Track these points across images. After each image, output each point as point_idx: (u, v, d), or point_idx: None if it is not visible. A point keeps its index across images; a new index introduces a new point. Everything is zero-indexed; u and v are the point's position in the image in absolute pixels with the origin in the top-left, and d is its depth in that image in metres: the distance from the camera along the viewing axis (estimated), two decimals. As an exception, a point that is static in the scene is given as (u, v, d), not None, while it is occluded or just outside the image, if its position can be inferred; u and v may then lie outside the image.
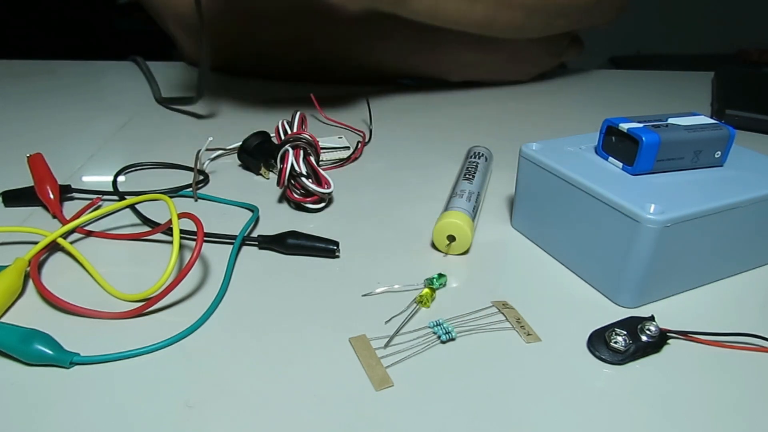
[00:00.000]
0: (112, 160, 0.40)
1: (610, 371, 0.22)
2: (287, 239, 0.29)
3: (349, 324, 0.24)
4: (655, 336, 0.23)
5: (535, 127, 0.49)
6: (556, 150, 0.29)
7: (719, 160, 0.28)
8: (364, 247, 0.30)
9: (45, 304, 0.25)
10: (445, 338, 0.23)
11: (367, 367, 0.22)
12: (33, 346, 0.22)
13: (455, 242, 0.29)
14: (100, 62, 0.66)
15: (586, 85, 0.60)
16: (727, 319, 0.25)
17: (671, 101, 0.57)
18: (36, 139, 0.44)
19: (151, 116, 0.28)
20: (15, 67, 0.63)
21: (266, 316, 0.25)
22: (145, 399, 0.21)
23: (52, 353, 0.22)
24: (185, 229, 0.29)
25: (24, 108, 0.51)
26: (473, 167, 0.34)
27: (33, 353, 0.22)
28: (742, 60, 1.57)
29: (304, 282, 0.27)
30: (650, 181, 0.26)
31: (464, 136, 0.46)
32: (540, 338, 0.24)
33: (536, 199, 0.30)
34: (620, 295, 0.26)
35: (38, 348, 0.22)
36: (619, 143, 0.28)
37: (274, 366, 0.22)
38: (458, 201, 0.30)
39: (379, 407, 0.20)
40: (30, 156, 0.35)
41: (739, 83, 0.56)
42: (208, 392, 0.21)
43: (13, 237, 0.30)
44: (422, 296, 0.26)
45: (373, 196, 0.36)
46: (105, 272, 0.27)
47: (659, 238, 0.24)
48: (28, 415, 0.20)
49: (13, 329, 0.22)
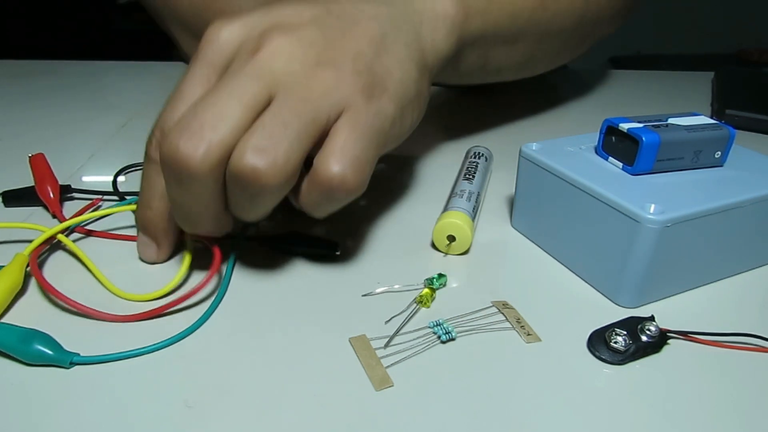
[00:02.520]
0: (112, 160, 0.40)
1: (610, 371, 0.22)
2: (288, 240, 0.29)
3: (349, 324, 0.24)
4: (655, 336, 0.23)
5: (535, 127, 0.49)
6: (556, 150, 0.29)
7: (719, 160, 0.28)
8: (364, 247, 0.30)
9: (44, 304, 0.25)
10: (445, 338, 0.23)
11: (367, 367, 0.22)
12: (33, 346, 0.22)
13: (455, 242, 0.29)
14: (100, 62, 0.66)
15: (586, 85, 0.60)
16: (727, 319, 0.25)
17: (671, 101, 0.57)
18: (36, 139, 0.44)
19: (151, 116, 0.28)
20: (15, 67, 0.63)
21: (266, 316, 0.25)
22: (144, 399, 0.21)
23: (52, 353, 0.22)
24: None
25: (24, 108, 0.51)
26: (473, 167, 0.34)
27: (33, 353, 0.22)
28: (742, 60, 1.57)
29: (304, 282, 0.27)
30: (650, 181, 0.26)
31: (464, 136, 0.46)
32: (540, 338, 0.24)
33: (536, 199, 0.30)
34: (620, 295, 0.26)
35: (38, 348, 0.22)
36: (619, 143, 0.28)
37: (273, 366, 0.22)
38: (458, 201, 0.30)
39: (379, 407, 0.20)
40: (32, 156, 0.35)
41: (739, 83, 0.56)
42: (207, 392, 0.21)
43: (13, 235, 0.30)
44: (422, 296, 0.26)
45: (373, 196, 0.36)
46: (108, 272, 0.27)
47: (659, 238, 0.24)
48: (28, 415, 0.20)
49: (12, 329, 0.22)
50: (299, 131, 0.22)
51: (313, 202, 0.25)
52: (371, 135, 0.24)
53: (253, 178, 0.22)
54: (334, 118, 0.24)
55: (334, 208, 0.25)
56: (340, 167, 0.23)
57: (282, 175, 0.22)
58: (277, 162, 0.22)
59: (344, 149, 0.23)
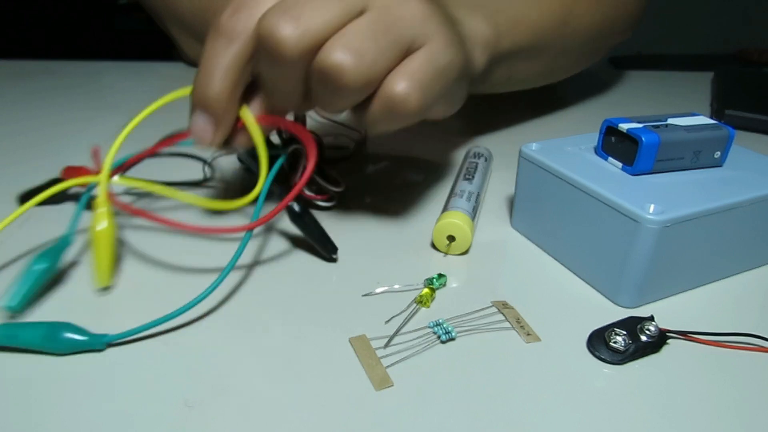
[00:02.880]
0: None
1: (610, 371, 0.22)
2: (305, 214, 0.29)
3: (349, 324, 0.24)
4: (655, 336, 0.23)
5: (535, 127, 0.49)
6: (556, 150, 0.29)
7: (719, 160, 0.28)
8: (364, 247, 0.30)
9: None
10: (445, 338, 0.23)
11: (367, 367, 0.22)
12: (62, 335, 0.22)
13: (455, 242, 0.29)
14: (100, 62, 0.66)
15: (586, 85, 0.60)
16: (727, 319, 0.25)
17: (671, 101, 0.57)
18: (36, 139, 0.44)
19: (152, 116, 0.28)
20: (15, 67, 0.63)
21: (266, 315, 0.25)
22: (143, 399, 0.21)
23: (86, 338, 0.22)
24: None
25: (24, 108, 0.51)
26: (473, 167, 0.34)
27: (65, 343, 0.22)
28: (742, 60, 1.56)
29: (304, 282, 0.27)
30: (650, 181, 0.26)
31: (464, 136, 0.46)
32: (540, 338, 0.24)
33: (536, 199, 0.30)
34: (620, 295, 0.26)
35: (69, 337, 0.22)
36: (618, 143, 0.28)
37: (273, 366, 0.22)
38: (458, 201, 0.30)
39: (379, 407, 0.20)
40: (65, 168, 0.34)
41: (739, 83, 0.56)
42: (207, 392, 0.21)
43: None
44: (422, 296, 0.26)
45: (373, 196, 0.36)
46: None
47: (659, 238, 0.24)
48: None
49: (34, 326, 0.22)
50: (385, 46, 0.24)
51: (375, 116, 0.26)
52: (440, 72, 0.26)
53: (337, 74, 0.23)
54: (415, 48, 0.25)
55: (391, 127, 0.27)
56: (405, 86, 0.25)
57: (363, 78, 0.24)
58: (361, 65, 0.23)
59: (414, 73, 0.25)
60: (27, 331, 0.22)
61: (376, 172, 0.39)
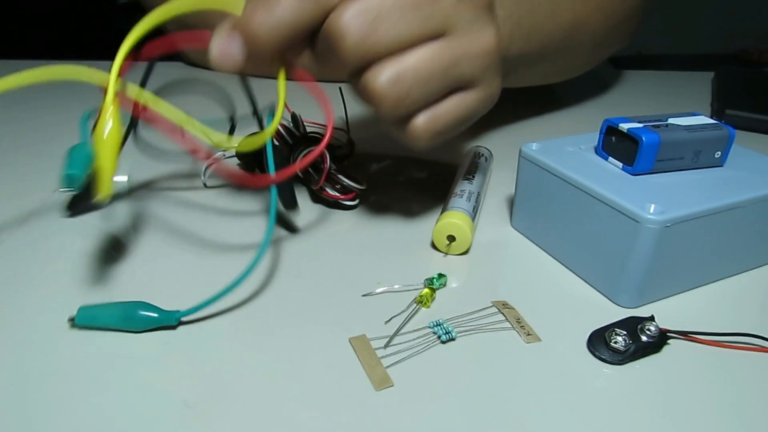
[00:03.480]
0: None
1: (610, 371, 0.22)
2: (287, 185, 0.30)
3: (349, 324, 0.24)
4: (655, 336, 0.23)
5: (535, 127, 0.49)
6: (556, 150, 0.29)
7: (719, 160, 0.28)
8: (364, 247, 0.30)
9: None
10: (445, 338, 0.23)
11: (367, 367, 0.22)
12: (139, 313, 0.23)
13: (455, 242, 0.29)
14: (100, 62, 0.65)
15: (586, 85, 0.60)
16: (727, 319, 0.25)
17: (671, 101, 0.57)
18: (36, 140, 0.44)
19: (151, 116, 0.28)
20: (15, 67, 0.63)
21: (266, 315, 0.25)
22: (142, 399, 0.21)
23: (159, 315, 0.23)
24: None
25: (24, 108, 0.51)
26: (473, 167, 0.34)
27: (141, 320, 0.23)
28: (742, 60, 1.56)
29: (304, 282, 0.27)
30: (650, 181, 0.26)
31: (464, 136, 0.46)
32: (540, 338, 0.24)
33: (536, 199, 0.30)
34: (620, 295, 0.26)
35: (145, 314, 0.23)
36: (619, 143, 0.28)
37: (273, 366, 0.22)
38: (458, 201, 0.30)
39: (379, 407, 0.20)
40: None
41: (739, 83, 0.56)
42: (207, 392, 0.21)
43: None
44: (422, 296, 0.26)
45: (373, 195, 0.36)
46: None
47: (659, 238, 0.24)
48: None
49: (112, 306, 0.23)
50: (438, 86, 0.24)
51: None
52: (472, 118, 0.26)
53: (377, 100, 0.23)
54: (463, 86, 0.25)
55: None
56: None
57: (397, 114, 0.24)
58: (405, 101, 0.23)
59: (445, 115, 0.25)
60: (105, 311, 0.23)
61: (376, 171, 0.39)
